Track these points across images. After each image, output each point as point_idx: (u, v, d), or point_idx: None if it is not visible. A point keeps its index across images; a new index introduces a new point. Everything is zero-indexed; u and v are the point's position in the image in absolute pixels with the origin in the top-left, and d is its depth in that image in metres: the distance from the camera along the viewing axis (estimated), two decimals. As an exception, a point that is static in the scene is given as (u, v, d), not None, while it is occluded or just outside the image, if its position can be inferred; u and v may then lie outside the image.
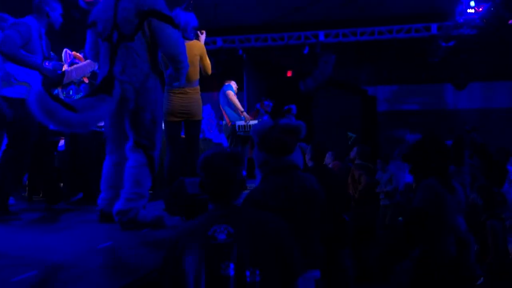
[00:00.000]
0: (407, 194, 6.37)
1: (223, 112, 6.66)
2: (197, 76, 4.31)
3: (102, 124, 4.16)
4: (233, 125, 6.39)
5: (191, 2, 4.23)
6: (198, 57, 4.23)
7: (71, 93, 5.12)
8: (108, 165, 3.39)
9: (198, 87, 4.37)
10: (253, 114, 7.81)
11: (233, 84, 6.76)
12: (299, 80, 12.00)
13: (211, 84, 11.12)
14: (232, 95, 6.40)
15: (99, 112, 2.87)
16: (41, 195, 5.24)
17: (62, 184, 5.21)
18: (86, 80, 4.83)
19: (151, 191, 5.76)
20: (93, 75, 4.76)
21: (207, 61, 4.41)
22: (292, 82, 12.39)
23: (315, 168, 4.10)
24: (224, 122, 6.76)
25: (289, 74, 12.98)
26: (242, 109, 6.43)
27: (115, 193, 3.32)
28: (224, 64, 11.99)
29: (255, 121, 6.68)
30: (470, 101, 13.71)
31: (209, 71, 4.49)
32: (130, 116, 3.12)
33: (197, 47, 4.24)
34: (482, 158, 4.70)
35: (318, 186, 2.50)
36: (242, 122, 6.39)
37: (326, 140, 11.57)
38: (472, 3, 9.47)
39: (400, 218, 6.76)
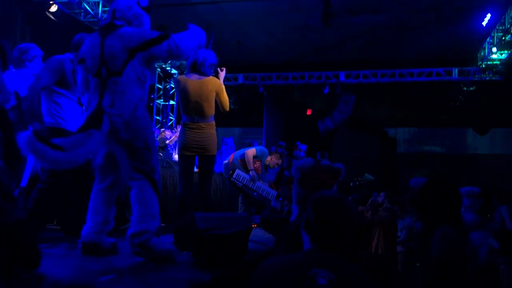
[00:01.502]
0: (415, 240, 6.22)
1: (233, 153, 6.73)
2: (212, 112, 4.34)
3: None
4: (234, 169, 6.39)
5: (211, 40, 4.32)
6: (213, 93, 4.27)
7: None
8: (94, 193, 3.37)
9: (213, 122, 4.40)
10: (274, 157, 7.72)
11: (273, 160, 6.85)
12: (318, 119, 12.05)
13: (231, 120, 11.29)
14: (250, 155, 6.47)
15: (87, 148, 2.92)
16: (55, 222, 5.27)
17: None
18: None
19: (163, 224, 5.79)
20: None
21: (225, 98, 4.43)
22: (311, 120, 12.45)
23: None
24: (226, 161, 6.79)
25: (309, 112, 13.06)
26: (252, 168, 6.45)
27: (100, 221, 3.29)
28: (245, 101, 12.16)
29: (273, 192, 6.72)
30: (491, 146, 13.49)
31: (227, 107, 4.51)
32: (124, 146, 3.15)
33: (212, 83, 4.28)
34: None
35: None
36: (242, 174, 6.42)
37: (345, 181, 11.52)
38: (495, 49, 9.47)
39: (417, 264, 6.58)
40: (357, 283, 1.71)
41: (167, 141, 8.34)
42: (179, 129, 9.13)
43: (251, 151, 6.54)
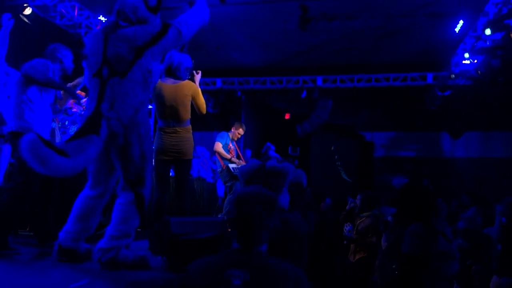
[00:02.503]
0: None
1: (218, 156, 6.76)
2: (188, 116, 4.32)
3: None
4: (227, 166, 6.51)
5: (186, 44, 4.31)
6: (189, 97, 4.26)
7: (66, 123, 5.16)
8: (82, 197, 3.29)
9: (190, 126, 4.39)
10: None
11: (233, 131, 6.88)
12: (296, 123, 12.12)
13: (209, 124, 11.26)
14: (219, 147, 6.62)
15: (88, 154, 2.83)
16: (28, 229, 5.16)
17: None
18: (74, 109, 4.92)
19: (139, 229, 5.74)
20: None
21: (201, 101, 4.42)
22: (289, 124, 12.51)
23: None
24: (219, 169, 6.83)
25: (287, 116, 13.12)
26: (229, 156, 6.62)
27: (82, 227, 3.22)
28: (223, 105, 12.15)
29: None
30: (466, 150, 13.77)
31: (203, 110, 4.50)
32: (119, 152, 3.07)
33: (188, 87, 4.27)
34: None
35: (304, 227, 2.47)
36: (234, 165, 6.56)
37: (323, 184, 11.60)
38: (467, 55, 9.68)
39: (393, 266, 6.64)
40: (276, 280, 1.72)
41: None
42: None
43: (218, 145, 6.67)
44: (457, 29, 9.26)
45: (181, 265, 3.13)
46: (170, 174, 4.62)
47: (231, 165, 6.53)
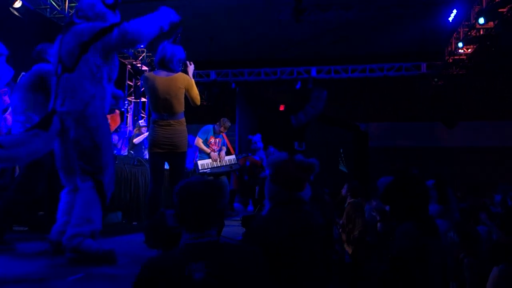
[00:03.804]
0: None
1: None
2: (182, 109, 4.29)
3: None
4: (196, 162, 6.66)
5: (179, 35, 4.26)
6: (182, 90, 4.22)
7: None
8: (63, 193, 3.44)
9: (183, 119, 4.35)
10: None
11: (216, 126, 6.90)
12: (291, 115, 12.12)
13: (204, 116, 11.24)
14: (198, 142, 6.75)
15: (31, 147, 2.93)
16: (22, 223, 5.14)
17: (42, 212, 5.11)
18: None
19: (135, 223, 5.72)
20: None
21: (195, 93, 4.38)
22: (284, 116, 12.51)
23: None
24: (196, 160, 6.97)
25: (281, 108, 13.11)
26: (208, 151, 6.73)
27: (66, 221, 3.29)
28: (217, 97, 12.11)
29: (231, 157, 6.97)
30: (460, 139, 13.83)
31: (198, 102, 4.46)
32: (73, 145, 3.19)
33: (181, 80, 4.22)
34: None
35: (322, 222, 2.47)
36: (206, 161, 6.68)
37: (318, 174, 11.61)
38: (460, 44, 9.69)
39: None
40: (235, 266, 1.72)
41: (134, 140, 8.29)
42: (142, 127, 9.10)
43: (197, 141, 6.80)
44: (450, 19, 9.26)
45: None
46: (165, 166, 4.59)
47: (199, 162, 6.65)
